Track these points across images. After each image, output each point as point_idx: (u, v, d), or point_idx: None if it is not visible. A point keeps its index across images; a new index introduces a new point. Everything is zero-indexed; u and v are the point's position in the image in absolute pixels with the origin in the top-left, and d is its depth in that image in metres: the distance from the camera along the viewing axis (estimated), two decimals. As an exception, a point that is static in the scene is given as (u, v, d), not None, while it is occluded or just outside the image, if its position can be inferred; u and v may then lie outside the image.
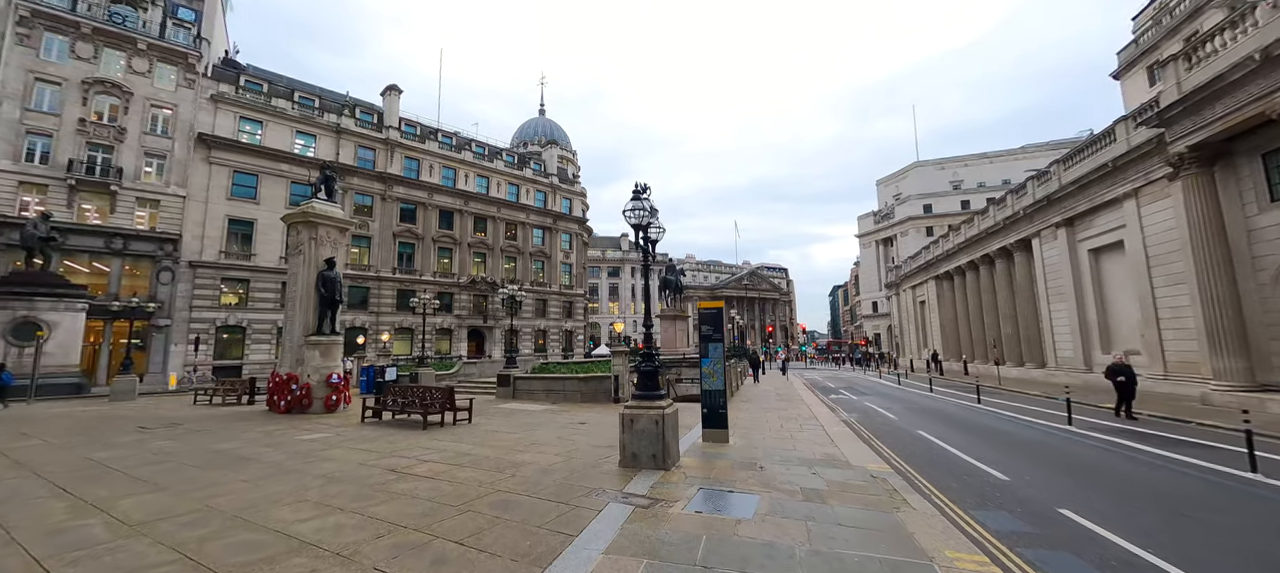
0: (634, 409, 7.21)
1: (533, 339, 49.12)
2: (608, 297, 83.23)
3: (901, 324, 55.23)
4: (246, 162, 35.54)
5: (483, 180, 48.55)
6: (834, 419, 13.03)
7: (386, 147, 42.39)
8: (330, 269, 14.27)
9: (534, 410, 14.62)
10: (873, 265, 79.79)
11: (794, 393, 20.57)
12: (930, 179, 75.66)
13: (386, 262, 41.03)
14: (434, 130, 48.07)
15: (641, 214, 7.41)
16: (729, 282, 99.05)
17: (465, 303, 44.96)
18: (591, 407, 15.48)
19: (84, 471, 7.41)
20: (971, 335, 36.76)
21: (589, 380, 17.05)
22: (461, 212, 45.97)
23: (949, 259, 38.88)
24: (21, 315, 23.18)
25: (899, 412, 15.42)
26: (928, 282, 44.98)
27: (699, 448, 8.90)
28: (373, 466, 7.53)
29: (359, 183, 40.55)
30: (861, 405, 17.35)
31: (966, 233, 35.63)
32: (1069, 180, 23.31)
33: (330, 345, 14.03)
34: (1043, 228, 25.96)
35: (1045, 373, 26.13)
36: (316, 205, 14.73)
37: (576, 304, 55.11)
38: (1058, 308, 25.18)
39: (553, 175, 55.05)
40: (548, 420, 12.47)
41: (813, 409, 14.78)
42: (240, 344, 34.40)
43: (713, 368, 9.69)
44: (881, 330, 74.81)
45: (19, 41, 29.45)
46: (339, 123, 40.33)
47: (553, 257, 52.69)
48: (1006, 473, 7.78)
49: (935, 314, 43.67)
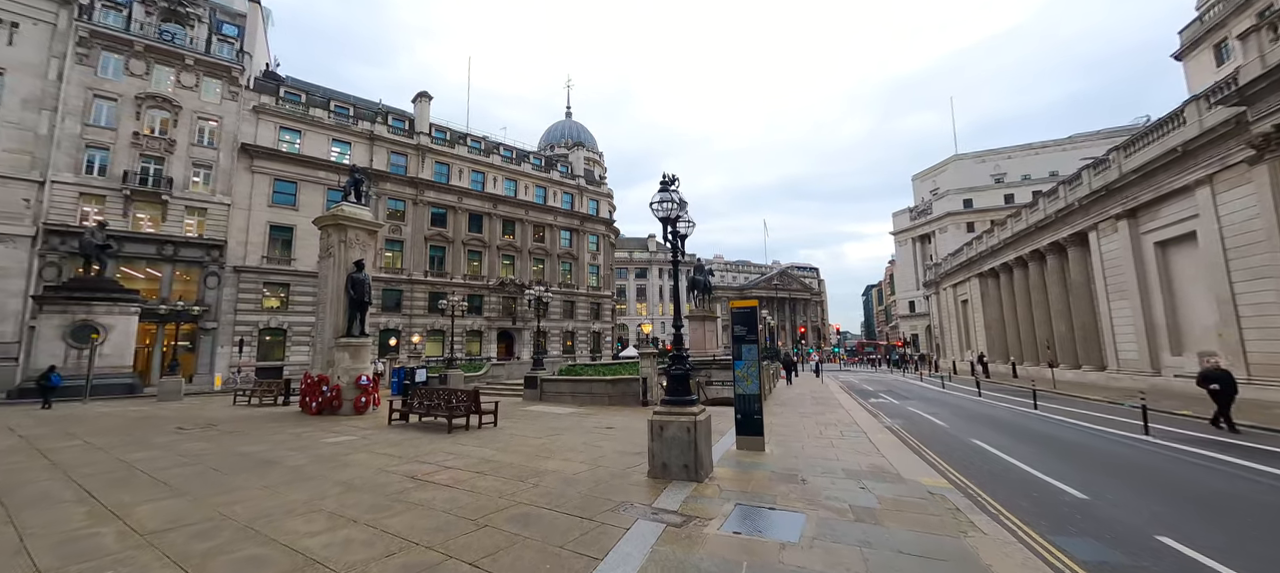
0: (664, 416, 6.72)
1: (561, 341, 49.19)
2: (635, 298, 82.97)
3: (942, 324, 52.87)
4: (286, 170, 36.73)
5: (511, 183, 48.95)
6: (877, 426, 12.20)
7: (418, 152, 43.19)
8: (359, 271, 14.31)
9: (561, 413, 14.30)
10: (909, 264, 76.88)
11: (830, 396, 19.65)
12: (970, 173, 72.45)
13: (418, 265, 41.76)
14: (463, 135, 48.76)
15: (670, 207, 6.92)
16: (758, 282, 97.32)
17: (494, 305, 45.37)
18: (619, 410, 15.05)
19: (114, 473, 7.42)
20: (1020, 336, 34.69)
21: (616, 383, 16.64)
22: (490, 215, 46.44)
23: (994, 255, 36.86)
24: (80, 319, 24.42)
25: (948, 418, 14.40)
26: (970, 280, 42.84)
27: (733, 457, 8.33)
28: (392, 472, 7.28)
29: (392, 188, 41.41)
30: (904, 410, 16.35)
31: (1013, 227, 33.67)
32: (1131, 168, 21.56)
33: (359, 347, 14.06)
34: (1101, 220, 24.14)
35: (1105, 376, 24.30)
36: (346, 208, 14.82)
37: (604, 306, 54.97)
38: (1119, 306, 23.35)
39: (579, 177, 55.12)
40: (574, 424, 12.10)
41: (852, 415, 13.95)
42: (282, 346, 35.52)
43: (747, 371, 9.10)
44: (919, 331, 72.00)
45: (79, 61, 31.21)
46: (372, 130, 41.31)
47: (580, 258, 52.70)
48: (1084, 490, 6.92)
49: (979, 314, 41.52)
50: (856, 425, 11.87)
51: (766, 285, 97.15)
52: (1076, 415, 14.56)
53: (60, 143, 30.13)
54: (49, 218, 29.20)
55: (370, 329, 39.17)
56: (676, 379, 6.89)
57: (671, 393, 6.87)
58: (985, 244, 38.43)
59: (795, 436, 10.57)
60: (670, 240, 7.13)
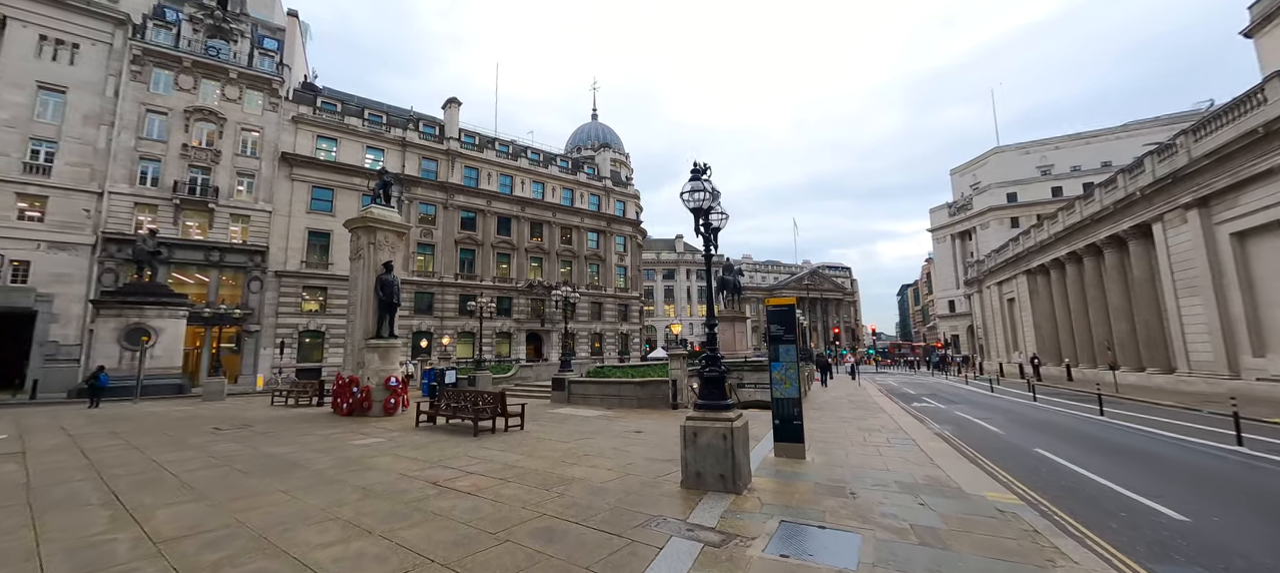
0: (698, 421, 6.22)
1: (589, 342, 49.11)
2: (663, 299, 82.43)
3: (985, 324, 50.35)
4: (323, 177, 37.82)
5: (538, 186, 49.23)
6: (925, 432, 11.35)
7: (448, 157, 43.87)
8: (388, 273, 14.32)
9: (589, 417, 13.94)
10: (949, 262, 73.73)
11: (869, 400, 18.69)
12: (1013, 165, 69.11)
13: (449, 268, 42.36)
14: (491, 139, 49.33)
15: (702, 197, 6.43)
16: (789, 282, 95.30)
17: (523, 307, 45.65)
18: (648, 413, 14.59)
19: (144, 474, 7.42)
20: (1073, 337, 32.53)
21: (645, 385, 16.19)
22: (518, 217, 46.79)
23: (1044, 251, 34.72)
24: (133, 322, 25.62)
25: (1003, 424, 13.35)
26: (1017, 277, 40.56)
27: (771, 465, 7.75)
28: (415, 477, 7.02)
29: (423, 193, 42.16)
30: (953, 415, 15.32)
31: (1066, 221, 31.61)
32: (1203, 153, 19.78)
33: (388, 349, 14.06)
34: (1167, 210, 22.29)
35: (1173, 380, 22.39)
36: (375, 211, 14.89)
37: (632, 307, 54.68)
38: (1189, 304, 21.47)
39: (606, 179, 55.04)
40: (602, 428, 11.70)
41: (896, 419, 13.09)
42: (320, 347, 36.52)
43: (784, 373, 8.50)
44: (959, 332, 68.92)
45: (133, 77, 32.89)
46: (404, 137, 42.18)
47: (607, 259, 52.57)
48: (1182, 511, 6.05)
49: (1027, 313, 39.24)
50: (903, 432, 11.07)
51: (797, 285, 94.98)
52: (1151, 423, 13.27)
53: (116, 155, 31.78)
54: (107, 227, 30.81)
55: (401, 331, 39.88)
56: (711, 382, 6.39)
57: (705, 397, 6.37)
58: (1034, 239, 36.28)
59: (837, 442, 9.88)
60: (702, 232, 6.64)
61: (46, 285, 29.10)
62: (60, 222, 30.08)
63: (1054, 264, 33.82)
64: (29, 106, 30.20)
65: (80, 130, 31.26)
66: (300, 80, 43.51)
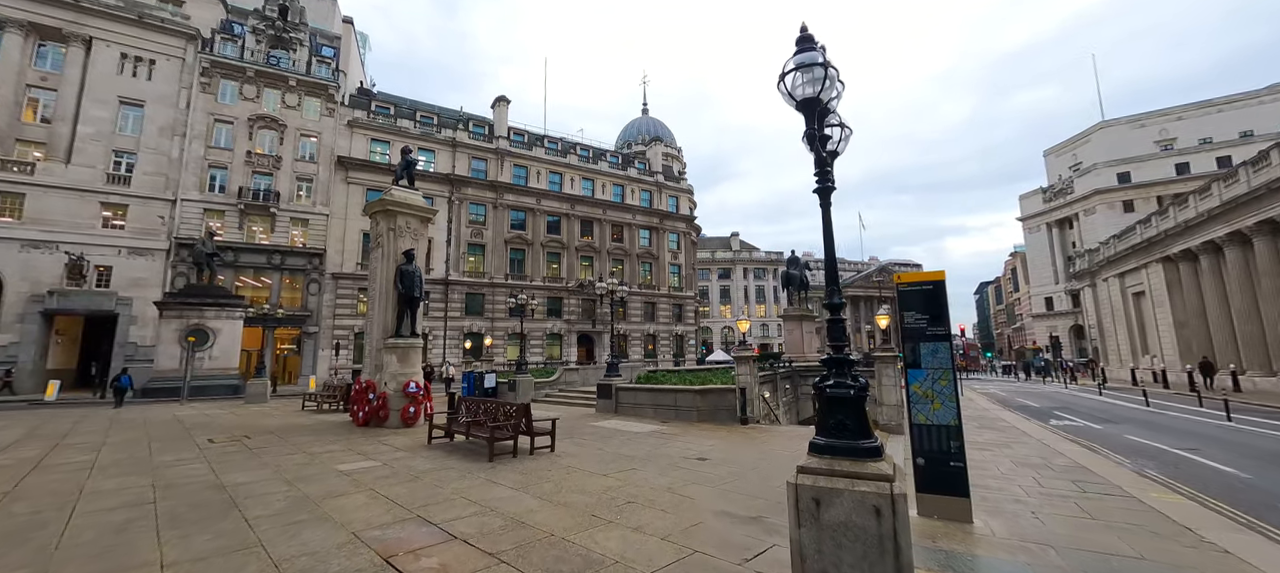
0: (821, 477, 3.46)
1: (641, 344, 46.78)
2: (718, 300, 78.84)
3: (1101, 323, 43.21)
4: (377, 179, 37.86)
5: (588, 183, 47.59)
6: (1126, 473, 7.86)
7: (497, 156, 43.10)
8: (409, 263, 12.52)
9: (638, 433, 11.38)
10: (1044, 253, 65.47)
11: (993, 416, 14.90)
12: (1124, 141, 60.51)
13: (500, 269, 41.43)
14: (540, 137, 48.28)
15: (814, 80, 3.71)
16: (855, 280, 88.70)
17: (574, 308, 44.04)
18: (711, 429, 11.84)
19: (54, 506, 5.65)
20: (1236, 337, 26.28)
21: (707, 395, 13.46)
22: (568, 215, 45.30)
23: (1192, 232, 28.47)
24: (194, 323, 25.95)
25: (1225, 457, 9.45)
26: (1149, 266, 33.98)
27: (924, 536, 4.82)
28: (375, 534, 4.75)
29: (473, 193, 41.53)
30: (1125, 441, 11.39)
31: (1223, 193, 25.54)
32: None
33: (408, 350, 12.23)
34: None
35: None
36: (396, 193, 13.18)
37: (686, 307, 51.82)
38: None
39: (658, 174, 52.61)
40: (654, 451, 9.12)
41: (1056, 446, 9.58)
42: (373, 350, 36.42)
43: (932, 385, 5.53)
44: (1058, 332, 60.68)
45: (202, 89, 34.18)
46: (454, 137, 41.77)
47: (660, 258, 50.06)
48: None
49: (1164, 309, 32.67)
50: (1087, 470, 7.66)
51: (864, 283, 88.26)
52: None
53: (188, 164, 33.02)
54: (179, 232, 31.97)
55: (453, 332, 39.08)
56: (840, 404, 3.62)
57: (833, 430, 3.60)
58: (1176, 218, 29.97)
59: (1000, 486, 6.73)
60: (814, 142, 3.86)
61: (126, 289, 30.47)
62: (139, 228, 31.51)
63: (1207, 248, 27.58)
64: (111, 120, 31.89)
65: (156, 141, 32.72)
66: (356, 86, 44.32)
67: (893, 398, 11.03)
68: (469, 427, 8.93)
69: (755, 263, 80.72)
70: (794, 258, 33.40)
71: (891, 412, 10.96)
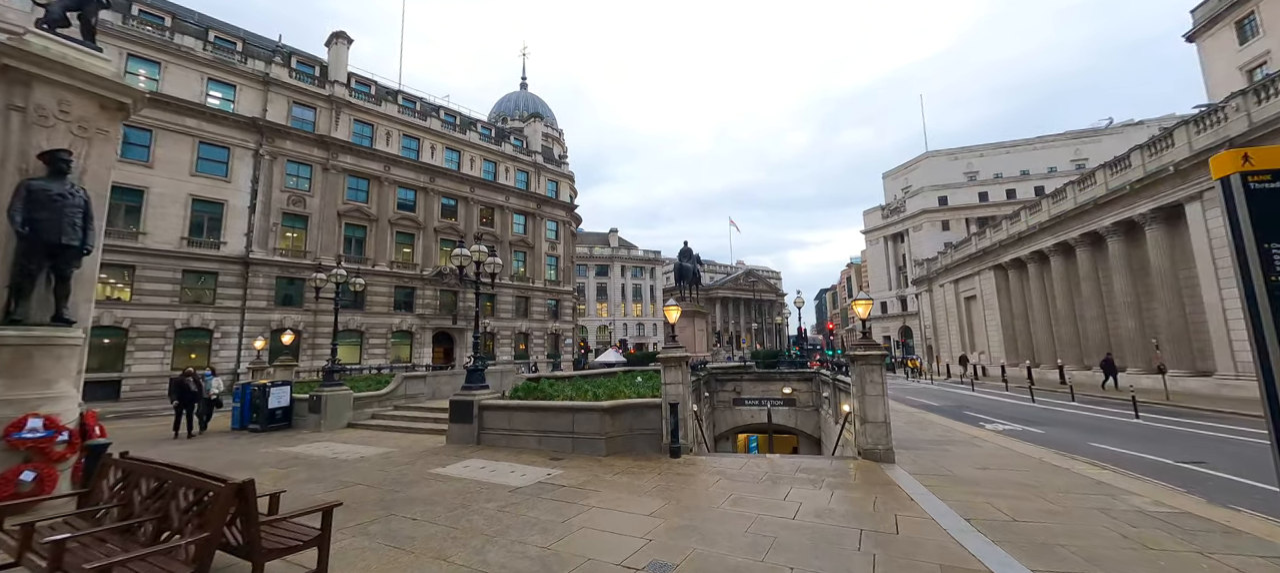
0: None
1: (512, 343, 40.99)
2: (595, 297, 75.44)
3: (936, 323, 48.71)
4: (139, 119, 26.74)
5: (453, 154, 40.35)
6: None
7: (331, 105, 33.99)
8: (57, 177, 6.29)
9: (516, 489, 6.78)
10: (882, 263, 74.02)
11: (918, 417, 13.11)
12: (943, 170, 70.46)
13: (329, 248, 32.46)
14: (393, 92, 39.77)
15: None
16: (725, 282, 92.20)
17: (430, 300, 36.64)
18: (633, 470, 7.76)
19: None
20: (1054, 335, 30.06)
21: (619, 413, 9.34)
22: (426, 190, 37.70)
23: (1020, 243, 32.22)
24: None
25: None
26: (981, 274, 38.40)
27: None
28: None
29: (293, 148, 32.01)
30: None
31: (1052, 209, 28.96)
32: (1272, 116, 16.53)
33: (36, 351, 6.03)
34: (1211, 187, 19.19)
35: (1212, 384, 19.30)
36: (33, 41, 6.71)
37: (564, 303, 47.14)
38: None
39: (536, 154, 47.13)
40: (552, 556, 4.69)
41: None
42: (120, 352, 25.59)
43: None
44: (890, 332, 68.94)
45: None
46: (268, 72, 31.79)
47: (536, 247, 44.66)
48: None
49: (993, 312, 37.05)
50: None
51: (733, 285, 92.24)
52: None
53: None
54: None
55: (254, 323, 29.71)
56: None
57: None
58: (1007, 231, 33.86)
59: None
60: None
61: None
62: None
63: (1034, 257, 31.30)
64: None
65: None
66: (109, -18, 31.55)
67: (879, 413, 8.08)
68: (107, 543, 3.53)
69: (634, 261, 78.95)
70: (686, 249, 30.96)
71: (879, 433, 8.00)
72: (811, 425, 14.79)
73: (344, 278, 14.74)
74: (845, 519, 5.49)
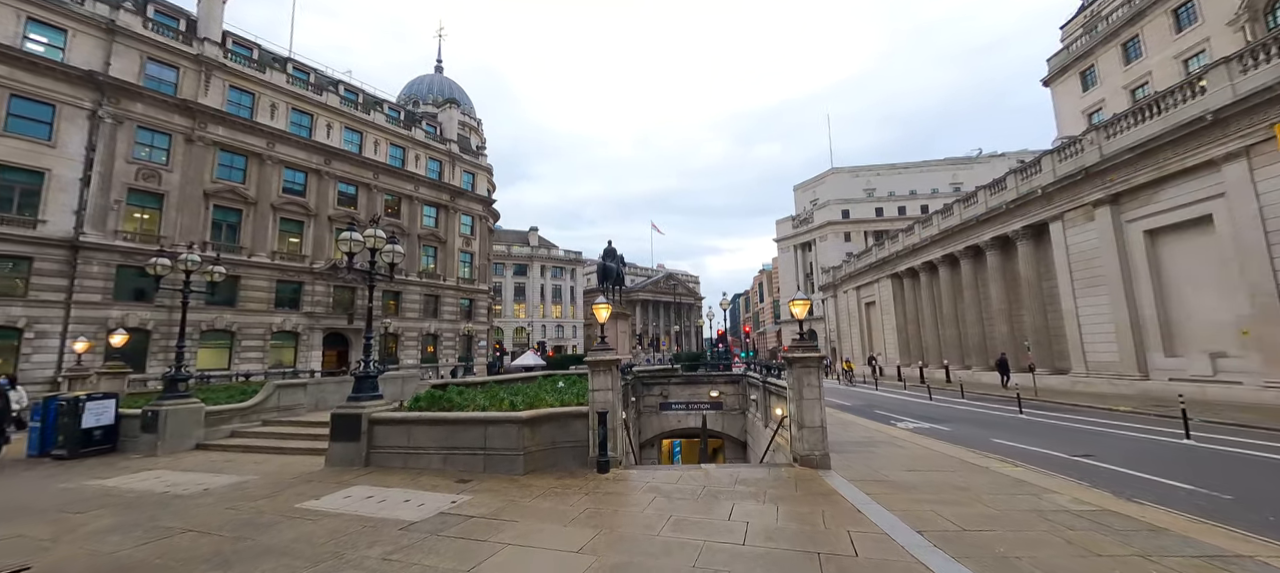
0: None
1: (419, 345, 37.69)
2: (512, 298, 72.43)
3: (840, 326, 52.19)
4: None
5: (353, 135, 36.33)
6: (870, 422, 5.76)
7: (199, 66, 29.05)
8: None
9: (409, 525, 5.52)
10: (792, 270, 78.63)
11: (856, 423, 13.37)
12: (846, 186, 76.24)
13: (193, 232, 27.52)
14: (283, 59, 35.05)
15: None
16: (646, 284, 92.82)
17: (321, 296, 32.54)
18: (556, 491, 6.77)
19: None
20: (940, 338, 33.18)
21: (539, 425, 8.26)
22: (320, 173, 33.51)
23: (915, 254, 35.27)
24: None
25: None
26: (881, 281, 41.63)
27: None
28: None
29: (146, 113, 26.90)
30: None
31: (941, 224, 31.95)
32: (1118, 149, 19.20)
33: None
34: (1070, 209, 21.98)
35: (1068, 380, 22.08)
36: None
37: (479, 303, 44.32)
38: (1092, 303, 21.17)
39: (452, 142, 43.94)
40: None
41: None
42: None
43: None
44: (798, 336, 73.42)
45: None
46: (114, 20, 26.38)
47: (449, 243, 41.53)
48: None
49: (889, 316, 40.29)
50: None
51: (653, 288, 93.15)
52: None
53: None
54: None
55: (85, 323, 24.88)
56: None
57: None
58: (903, 243, 36.93)
59: None
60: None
61: None
62: None
63: (925, 267, 34.35)
64: None
65: None
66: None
67: (816, 417, 7.79)
68: None
69: (555, 261, 76.86)
70: (610, 249, 30.23)
71: (815, 437, 7.69)
72: (738, 429, 14.63)
73: (197, 265, 12.05)
74: (798, 541, 4.94)
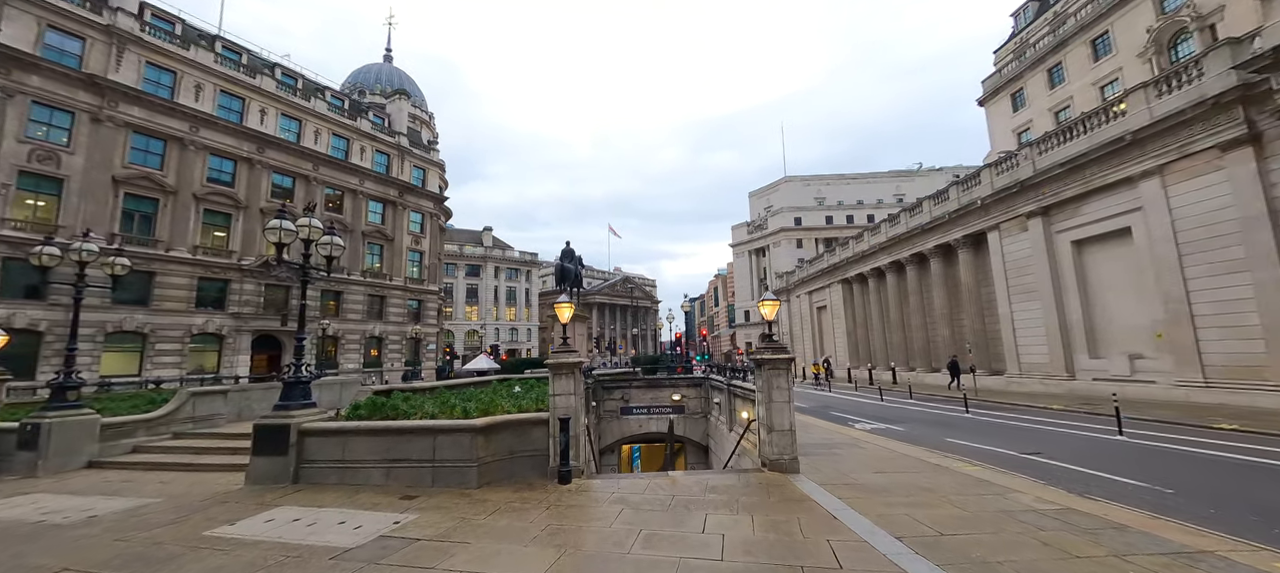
0: None
1: (362, 349, 35.46)
2: (464, 300, 69.94)
3: (793, 330, 53.56)
4: None
5: (291, 123, 33.82)
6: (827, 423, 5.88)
7: (109, 38, 26.12)
8: None
9: (331, 551, 4.82)
10: (747, 274, 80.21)
11: (839, 437, 13.42)
12: (799, 194, 78.60)
13: (98, 222, 24.63)
14: (211, 37, 32.23)
15: None
16: (603, 287, 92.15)
17: (251, 296, 29.96)
18: (513, 505, 6.22)
19: None
20: (887, 341, 34.56)
21: (494, 433, 7.64)
22: (252, 161, 30.95)
23: (863, 261, 36.62)
24: None
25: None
26: (831, 286, 43.00)
27: None
28: None
29: (43, 88, 23.92)
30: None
31: (889, 232, 33.32)
32: (1053, 163, 20.54)
33: None
34: (1006, 219, 23.35)
35: (1003, 381, 23.41)
36: None
37: (428, 304, 42.30)
38: (1026, 308, 22.53)
39: (401, 135, 41.80)
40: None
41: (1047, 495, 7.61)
42: None
43: None
44: (752, 339, 75.25)
45: None
46: (2, -21, 23.24)
47: (397, 241, 39.43)
48: None
49: (840, 320, 41.65)
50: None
51: (610, 291, 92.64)
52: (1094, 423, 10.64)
53: None
54: None
55: None
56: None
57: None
58: (853, 249, 38.28)
59: None
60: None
61: None
62: None
63: (874, 273, 35.70)
64: None
65: None
66: None
67: (785, 421, 7.61)
68: None
69: (509, 262, 74.92)
70: (568, 250, 29.56)
71: (785, 441, 7.51)
72: (700, 433, 14.43)
73: (94, 256, 10.57)
74: (777, 553, 4.65)
